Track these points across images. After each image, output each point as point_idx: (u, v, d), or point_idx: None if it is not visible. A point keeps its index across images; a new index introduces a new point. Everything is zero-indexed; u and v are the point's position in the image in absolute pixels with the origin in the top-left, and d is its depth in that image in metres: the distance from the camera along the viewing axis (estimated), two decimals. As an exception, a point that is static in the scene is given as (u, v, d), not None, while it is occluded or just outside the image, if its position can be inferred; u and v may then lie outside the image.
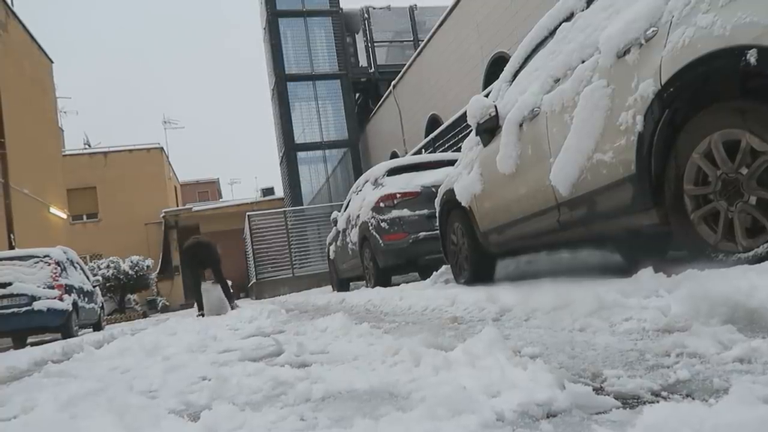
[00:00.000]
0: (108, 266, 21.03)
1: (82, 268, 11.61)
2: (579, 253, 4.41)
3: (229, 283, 10.21)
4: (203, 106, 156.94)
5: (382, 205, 6.88)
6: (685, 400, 1.12)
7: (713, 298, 1.66)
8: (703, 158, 2.29)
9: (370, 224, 7.02)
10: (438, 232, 5.38)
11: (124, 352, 3.90)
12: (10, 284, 8.97)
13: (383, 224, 6.78)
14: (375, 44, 21.49)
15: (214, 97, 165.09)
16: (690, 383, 1.21)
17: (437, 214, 5.31)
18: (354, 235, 7.92)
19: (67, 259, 10.46)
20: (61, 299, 9.28)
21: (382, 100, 19.44)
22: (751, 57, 1.98)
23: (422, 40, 17.03)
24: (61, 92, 24.76)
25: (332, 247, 9.88)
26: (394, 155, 17.38)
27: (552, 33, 3.56)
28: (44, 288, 9.19)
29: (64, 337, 8.87)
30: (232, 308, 9.46)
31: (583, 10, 3.23)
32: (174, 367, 2.65)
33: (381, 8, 21.72)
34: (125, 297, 22.11)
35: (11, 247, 13.20)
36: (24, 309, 8.88)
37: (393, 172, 7.32)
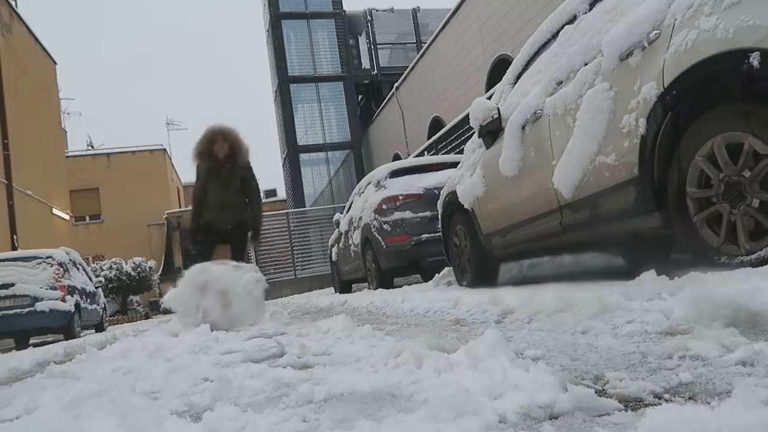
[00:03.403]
0: (110, 267, 21.06)
1: (84, 269, 11.64)
2: (582, 255, 4.40)
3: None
4: (206, 107, 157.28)
5: (384, 207, 6.88)
6: (688, 402, 1.11)
7: (716, 301, 1.66)
8: (706, 161, 2.29)
9: (372, 226, 7.02)
10: (440, 234, 5.38)
11: (126, 353, 3.90)
12: (12, 285, 9.01)
13: (385, 226, 6.78)
14: (378, 46, 21.53)
15: (217, 98, 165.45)
16: (692, 386, 1.21)
17: (440, 217, 5.31)
18: (356, 237, 7.92)
19: (70, 260, 10.49)
20: (63, 300, 9.32)
21: (384, 102, 19.46)
22: (754, 60, 1.98)
23: (425, 42, 17.06)
24: (65, 93, 24.85)
25: (334, 249, 9.89)
26: (396, 157, 17.38)
27: (555, 36, 3.56)
28: (47, 289, 9.22)
29: (67, 338, 8.89)
30: None
31: (585, 13, 3.23)
32: (176, 368, 2.65)
33: (384, 10, 21.76)
34: (127, 298, 22.14)
35: (14, 248, 13.22)
36: (27, 310, 8.92)
37: (395, 174, 7.32)
